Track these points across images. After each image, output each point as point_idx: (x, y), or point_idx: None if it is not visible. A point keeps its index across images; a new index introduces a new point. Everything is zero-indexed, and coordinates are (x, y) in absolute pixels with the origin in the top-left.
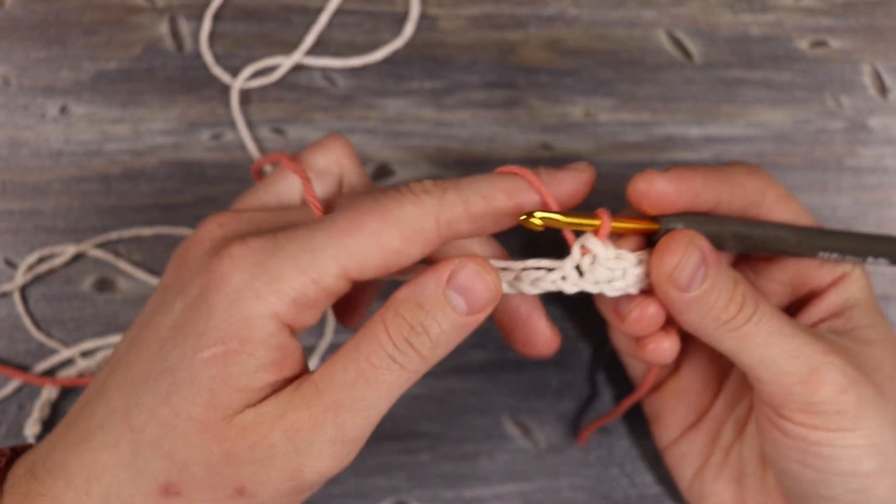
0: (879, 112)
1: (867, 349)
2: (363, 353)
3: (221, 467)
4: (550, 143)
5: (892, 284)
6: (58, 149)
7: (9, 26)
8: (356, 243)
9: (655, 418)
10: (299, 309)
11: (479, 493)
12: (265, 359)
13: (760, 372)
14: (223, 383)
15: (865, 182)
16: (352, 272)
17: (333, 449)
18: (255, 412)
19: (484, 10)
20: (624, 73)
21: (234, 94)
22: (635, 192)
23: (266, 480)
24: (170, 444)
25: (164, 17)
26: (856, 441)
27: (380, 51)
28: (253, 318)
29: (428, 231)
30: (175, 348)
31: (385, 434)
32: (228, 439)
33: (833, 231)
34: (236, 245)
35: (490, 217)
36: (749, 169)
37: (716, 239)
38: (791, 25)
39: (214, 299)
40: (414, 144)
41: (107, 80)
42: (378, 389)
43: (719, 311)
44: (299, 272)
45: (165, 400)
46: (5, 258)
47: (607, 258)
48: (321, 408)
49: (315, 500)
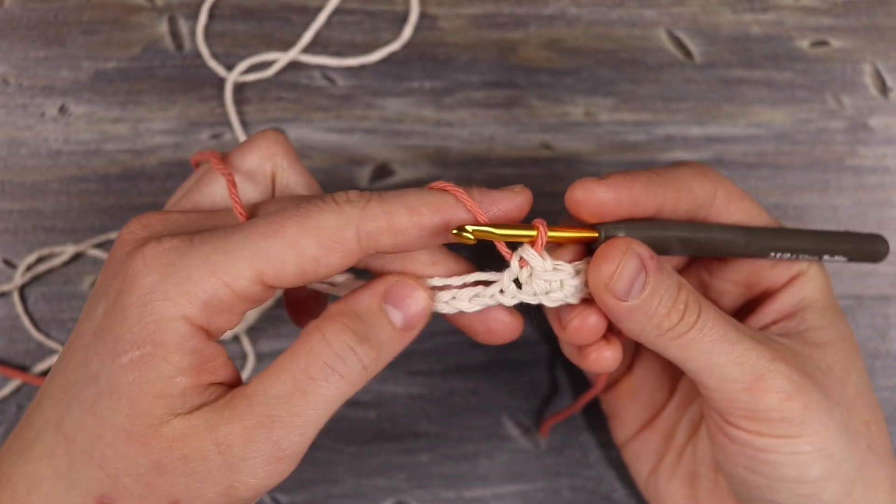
0: (880, 112)
1: (818, 352)
2: (299, 364)
3: (152, 479)
4: (550, 142)
5: (891, 285)
6: (57, 148)
7: (8, 26)
8: (273, 247)
9: (612, 416)
10: (211, 312)
11: (479, 494)
12: (181, 363)
13: (705, 379)
14: (141, 390)
15: (866, 182)
16: (267, 277)
17: (268, 466)
18: (183, 423)
19: (484, 10)
20: (624, 72)
21: (228, 87)
22: (573, 201)
23: (200, 495)
24: (100, 455)
25: (164, 17)
26: (802, 447)
27: (377, 52)
28: (163, 321)
29: (348, 241)
30: (96, 355)
31: (385, 434)
32: (156, 450)
33: (785, 230)
34: (150, 245)
35: (415, 231)
36: (696, 170)
37: (660, 244)
38: (792, 25)
39: (127, 301)
40: (414, 144)
41: (106, 80)
42: (316, 402)
43: (661, 319)
44: (210, 273)
45: (91, 409)
46: (4, 258)
47: (545, 270)
48: (254, 422)
49: (315, 500)
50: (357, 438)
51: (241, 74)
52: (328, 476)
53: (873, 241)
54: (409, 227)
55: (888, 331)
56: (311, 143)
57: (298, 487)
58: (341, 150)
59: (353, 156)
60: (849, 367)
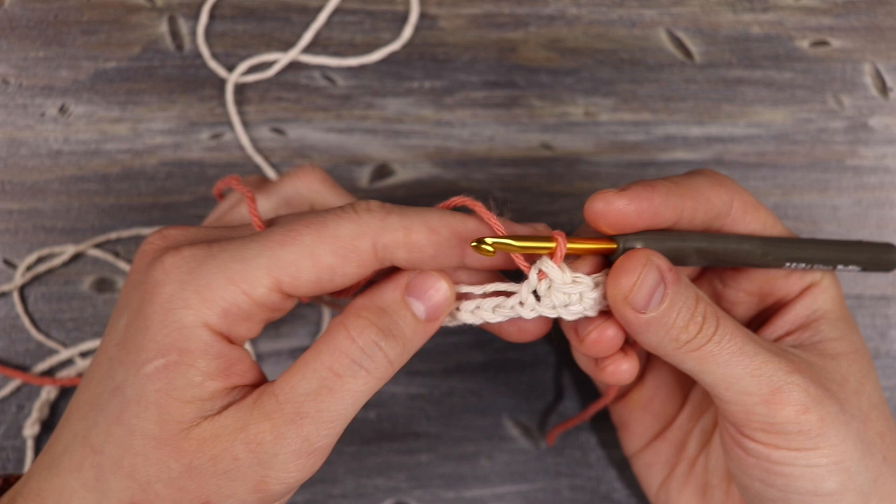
0: (880, 111)
1: (833, 364)
2: (324, 362)
3: (184, 482)
4: (550, 142)
5: (891, 285)
6: (57, 148)
7: (7, 26)
8: (289, 255)
9: (622, 426)
10: (231, 321)
11: (479, 494)
12: (208, 368)
13: (722, 391)
14: (169, 396)
15: (866, 182)
16: (284, 285)
17: (299, 461)
18: (212, 425)
19: (484, 10)
20: (624, 72)
21: (229, 88)
22: (592, 213)
23: (232, 493)
24: (129, 464)
25: (164, 17)
26: (818, 460)
27: (378, 51)
28: (186, 328)
29: (364, 251)
30: (121, 365)
31: (385, 434)
32: (188, 453)
33: (800, 240)
34: (169, 255)
35: (430, 250)
36: (713, 179)
37: (677, 255)
38: (792, 25)
39: (149, 311)
40: (414, 144)
41: (106, 80)
42: (344, 399)
43: (679, 332)
44: (228, 281)
45: (118, 419)
46: (4, 258)
47: (563, 282)
48: (283, 419)
49: (315, 500)
50: (357, 438)
51: (242, 75)
52: (328, 476)
53: (887, 250)
54: (425, 245)
55: (888, 331)
56: (311, 143)
57: (298, 487)
58: (341, 150)
59: (353, 156)
60: (863, 379)
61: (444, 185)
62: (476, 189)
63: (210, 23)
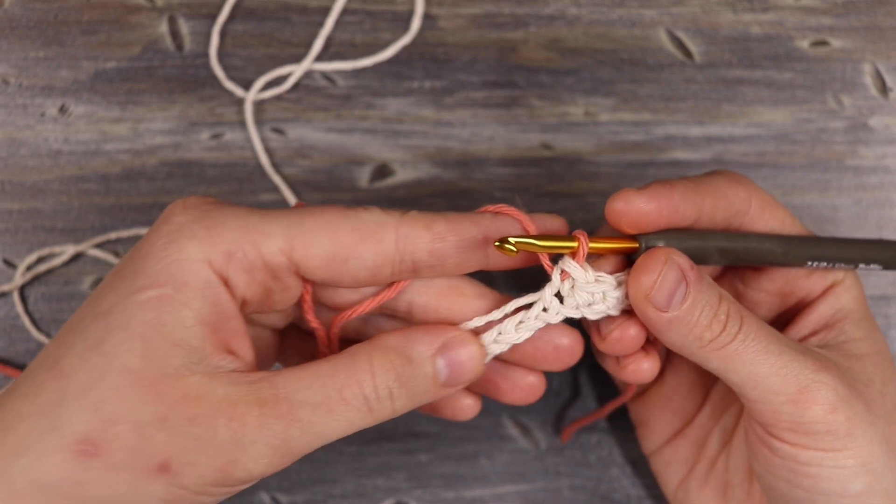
0: (880, 111)
1: (858, 364)
2: (338, 382)
3: (151, 432)
4: (550, 142)
5: (891, 285)
6: (57, 148)
7: (7, 25)
8: (309, 223)
9: (641, 424)
10: (234, 266)
11: (479, 494)
12: (202, 312)
13: (749, 391)
14: (157, 332)
15: (866, 182)
16: (297, 251)
17: (272, 456)
18: (201, 383)
19: (484, 10)
20: (624, 72)
21: (248, 108)
22: (613, 212)
23: (194, 462)
24: (98, 396)
25: (164, 17)
26: (846, 461)
27: (388, 49)
28: (187, 261)
29: (385, 237)
30: (111, 290)
31: (385, 434)
32: (166, 402)
33: (821, 239)
34: (194, 196)
35: (452, 239)
36: (731, 178)
37: (699, 254)
38: (792, 24)
39: (154, 238)
40: (414, 144)
41: (106, 80)
42: (338, 422)
43: (703, 330)
44: (241, 228)
45: (97, 346)
46: (4, 258)
47: (587, 281)
48: (275, 413)
49: (315, 500)
50: (357, 438)
51: (259, 92)
52: (328, 476)
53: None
54: (446, 233)
55: (888, 331)
56: (311, 143)
57: (298, 487)
58: (341, 150)
59: (353, 156)
60: (887, 380)
61: (444, 185)
62: (476, 189)
63: (209, 23)
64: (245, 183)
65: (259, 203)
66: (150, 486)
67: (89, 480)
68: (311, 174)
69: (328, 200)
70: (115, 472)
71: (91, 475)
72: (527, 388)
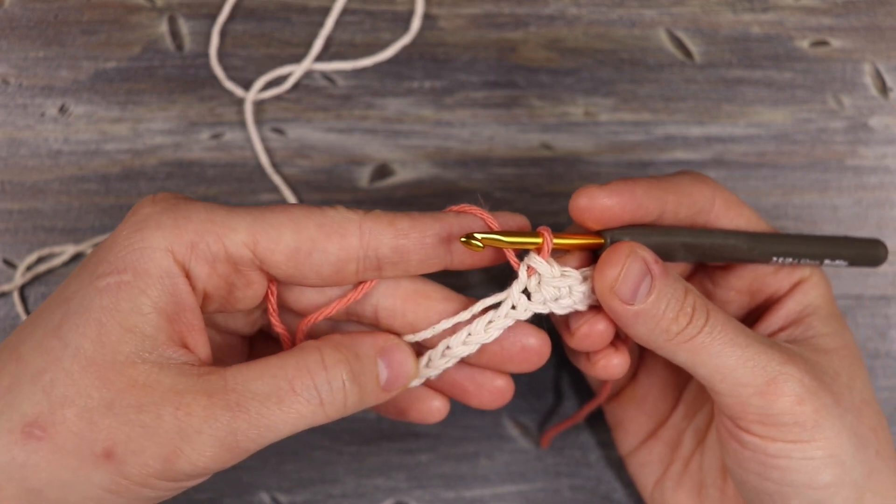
0: (880, 111)
1: (825, 358)
2: (287, 373)
3: (98, 417)
4: (550, 142)
5: (891, 285)
6: (57, 148)
7: (7, 26)
8: (273, 218)
9: (616, 426)
10: (196, 257)
11: (479, 494)
12: (158, 300)
13: (716, 384)
14: (112, 317)
15: (866, 182)
16: (261, 245)
17: (218, 449)
18: (149, 373)
19: (484, 10)
20: (624, 72)
21: (247, 108)
22: (577, 209)
23: (139, 450)
24: (50, 379)
25: (164, 17)
26: (814, 453)
27: (388, 49)
28: (149, 249)
29: (348, 232)
30: (75, 278)
31: (385, 434)
32: (114, 389)
33: (786, 235)
34: (163, 193)
35: (415, 235)
36: (694, 177)
37: (665, 250)
38: (792, 25)
39: (121, 228)
40: (414, 144)
41: (106, 80)
42: (287, 415)
43: (669, 323)
44: (207, 220)
45: (55, 331)
46: (4, 258)
47: (553, 276)
48: (222, 404)
49: (315, 500)
50: (357, 438)
51: (259, 92)
52: (328, 476)
53: (873, 245)
54: (409, 230)
55: (888, 331)
56: (311, 143)
57: (298, 487)
58: (341, 150)
59: (353, 156)
60: (854, 375)
61: (444, 185)
62: (476, 189)
63: (209, 23)
64: (245, 183)
65: (259, 203)
66: (94, 474)
67: (34, 463)
68: (311, 174)
69: (328, 200)
70: (60, 457)
71: (36, 458)
72: (495, 392)
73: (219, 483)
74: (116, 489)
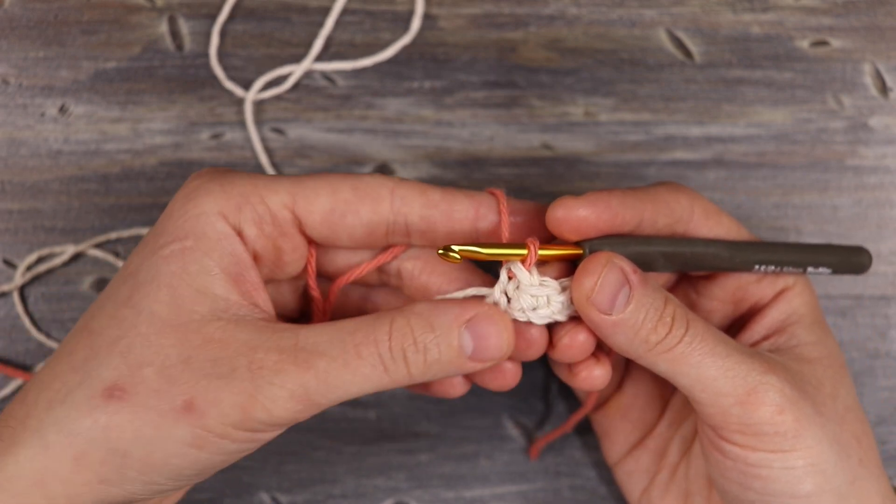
0: (880, 111)
1: (808, 367)
2: (356, 339)
3: (176, 373)
4: (550, 142)
5: (891, 285)
6: (57, 148)
7: (7, 26)
8: (311, 182)
9: (603, 435)
10: (246, 218)
11: (479, 494)
12: (221, 261)
13: (697, 393)
14: (182, 281)
15: (866, 182)
16: (299, 206)
17: (290, 401)
18: (224, 329)
19: (484, 10)
20: (624, 72)
21: (247, 108)
22: (554, 220)
23: (217, 400)
24: (126, 344)
25: (164, 17)
26: (795, 462)
27: (388, 49)
28: (204, 215)
29: (381, 197)
30: (137, 254)
31: (385, 434)
32: (190, 346)
33: (767, 243)
34: (208, 167)
35: (444, 206)
36: (672, 187)
37: (644, 259)
38: (792, 25)
39: (172, 203)
40: (414, 144)
41: (106, 80)
42: (353, 377)
43: (648, 333)
44: (250, 183)
45: (126, 302)
46: (4, 258)
47: (531, 284)
48: (292, 359)
49: (315, 499)
50: (357, 438)
51: (259, 92)
52: (328, 476)
53: (857, 253)
54: (439, 201)
55: (888, 331)
56: (311, 143)
57: (298, 487)
58: (341, 150)
59: (353, 156)
60: (837, 384)
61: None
62: (476, 189)
63: (209, 23)
64: None
65: None
66: (176, 428)
67: (117, 423)
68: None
69: None
70: (142, 414)
71: (118, 418)
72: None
73: (219, 483)
74: (198, 443)
